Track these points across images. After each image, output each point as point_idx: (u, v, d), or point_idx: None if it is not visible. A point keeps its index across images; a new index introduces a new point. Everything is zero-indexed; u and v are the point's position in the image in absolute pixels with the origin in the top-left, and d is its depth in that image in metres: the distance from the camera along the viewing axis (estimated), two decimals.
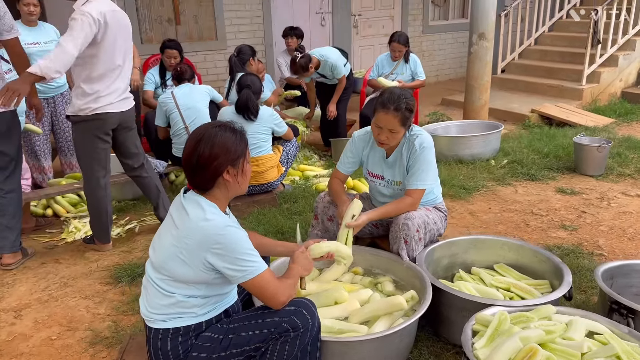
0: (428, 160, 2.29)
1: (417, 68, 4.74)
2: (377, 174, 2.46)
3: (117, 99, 2.75)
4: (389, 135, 2.22)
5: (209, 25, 5.93)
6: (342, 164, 2.52)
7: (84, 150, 2.78)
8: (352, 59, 7.09)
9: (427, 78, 7.75)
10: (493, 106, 5.78)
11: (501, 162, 4.16)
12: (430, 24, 7.63)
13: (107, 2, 2.65)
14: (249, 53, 4.34)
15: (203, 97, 3.74)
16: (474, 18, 4.96)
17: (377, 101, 2.23)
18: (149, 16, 5.56)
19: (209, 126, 1.62)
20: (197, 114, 3.66)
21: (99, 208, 2.90)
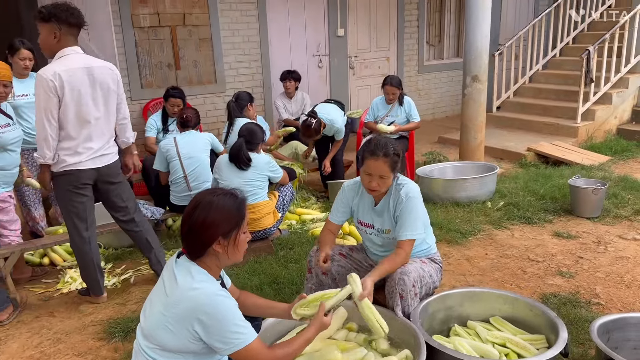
0: (415, 209, 2.32)
1: (411, 110, 4.82)
2: (367, 223, 2.49)
3: (89, 157, 2.70)
4: (379, 181, 2.27)
5: (208, 70, 6.07)
6: (333, 214, 2.54)
7: (63, 204, 2.77)
8: (349, 99, 7.22)
9: (424, 116, 7.91)
10: (489, 144, 5.84)
11: (497, 204, 4.18)
12: (426, 64, 7.79)
13: (76, 59, 2.58)
14: (247, 99, 4.45)
15: (205, 146, 3.79)
16: (467, 61, 5.08)
17: (364, 150, 2.29)
18: (149, 62, 5.70)
19: (208, 193, 1.65)
20: (197, 163, 3.70)
21: (85, 261, 2.89)
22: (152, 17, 5.58)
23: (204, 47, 5.98)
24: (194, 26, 5.85)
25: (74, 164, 2.69)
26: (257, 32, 6.27)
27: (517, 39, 6.94)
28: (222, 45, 6.08)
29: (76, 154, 2.68)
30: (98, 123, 2.71)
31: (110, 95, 2.74)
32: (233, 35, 6.13)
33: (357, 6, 6.98)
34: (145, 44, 5.64)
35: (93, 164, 2.73)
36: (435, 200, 4.29)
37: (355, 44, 7.10)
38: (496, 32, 8.08)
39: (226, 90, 6.19)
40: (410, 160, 4.96)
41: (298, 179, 4.63)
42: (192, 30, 5.86)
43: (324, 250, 2.39)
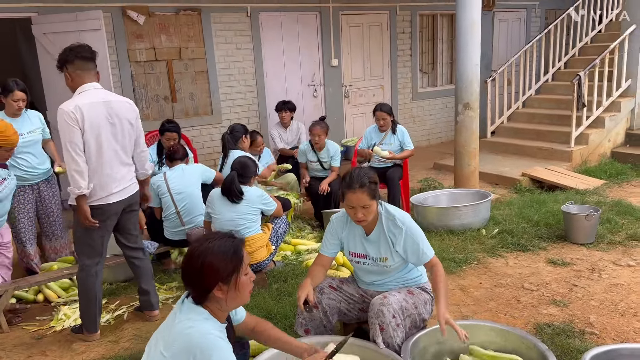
0: (418, 231, 2.39)
1: (405, 138, 4.89)
2: (359, 253, 2.50)
3: (116, 190, 2.78)
4: (363, 212, 2.32)
5: (204, 102, 6.18)
6: (324, 248, 2.56)
7: (81, 236, 2.81)
8: (345, 127, 7.32)
9: (419, 142, 8.01)
10: (484, 170, 5.89)
11: (492, 232, 4.20)
12: (420, 91, 7.93)
13: (94, 93, 2.67)
14: (242, 131, 4.53)
15: (196, 179, 3.83)
16: (458, 89, 5.18)
17: (343, 185, 2.35)
18: (145, 95, 5.82)
19: (203, 240, 1.64)
20: (189, 198, 3.75)
21: (88, 295, 2.91)
22: (149, 51, 5.72)
23: (200, 80, 6.11)
24: (190, 59, 5.99)
25: (103, 197, 2.76)
26: (252, 64, 6.40)
27: (510, 65, 7.08)
28: (218, 78, 6.20)
29: (103, 188, 2.75)
30: (118, 156, 2.77)
31: (129, 129, 2.81)
32: (229, 68, 6.26)
33: (350, 37, 7.14)
34: (141, 77, 5.76)
35: (120, 197, 2.81)
36: (429, 228, 4.30)
37: (349, 73, 7.24)
38: (488, 58, 8.25)
39: (222, 121, 6.29)
40: (405, 188, 5.00)
41: (293, 208, 4.66)
42: (188, 64, 5.99)
43: (304, 289, 2.35)
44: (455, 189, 4.99)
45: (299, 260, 3.98)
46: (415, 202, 4.52)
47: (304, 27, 6.72)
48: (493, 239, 4.08)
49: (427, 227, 4.32)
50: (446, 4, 7.80)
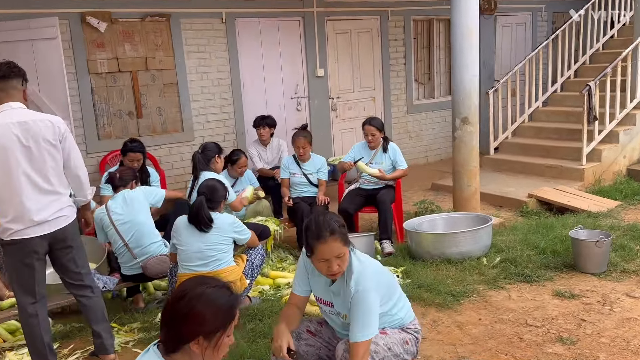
0: (366, 303, 2.26)
1: (397, 157, 4.96)
2: (326, 301, 2.48)
3: (35, 222, 2.72)
4: (339, 262, 2.26)
5: (173, 117, 6.24)
6: (296, 285, 2.55)
7: (9, 275, 2.82)
8: (332, 144, 7.41)
9: (415, 160, 8.10)
10: (487, 190, 5.97)
11: (493, 260, 4.24)
12: (415, 103, 8.06)
13: (8, 114, 2.67)
14: (215, 150, 4.55)
15: (140, 205, 3.81)
16: (455, 102, 5.29)
17: (308, 237, 2.27)
18: (107, 110, 5.86)
19: (199, 283, 1.60)
20: (135, 227, 3.74)
21: (32, 338, 2.88)
22: (111, 62, 5.79)
23: (169, 93, 6.17)
24: (157, 70, 6.06)
25: (19, 231, 2.72)
26: (228, 75, 6.49)
27: (514, 74, 7.23)
28: (189, 90, 6.27)
29: (18, 220, 2.71)
30: (34, 183, 2.73)
31: (50, 151, 2.76)
32: (201, 79, 6.34)
33: (338, 44, 7.28)
34: (102, 91, 5.81)
35: (42, 231, 2.77)
36: (424, 257, 4.34)
37: (336, 84, 7.35)
38: (490, 67, 8.42)
39: (194, 138, 6.34)
40: (398, 212, 5.05)
41: (273, 236, 4.67)
42: (156, 75, 6.07)
43: (282, 337, 2.31)
44: (454, 213, 5.05)
45: (278, 295, 3.98)
46: (409, 228, 4.56)
47: (286, 34, 6.84)
48: (494, 269, 4.12)
49: (422, 256, 4.36)
50: (442, 8, 7.98)
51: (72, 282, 3.00)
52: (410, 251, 4.53)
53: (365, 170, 4.84)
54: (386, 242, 4.69)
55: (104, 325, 3.09)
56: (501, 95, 7.18)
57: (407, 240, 4.62)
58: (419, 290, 3.82)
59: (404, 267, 4.23)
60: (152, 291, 4.24)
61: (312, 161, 5.06)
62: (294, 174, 5.06)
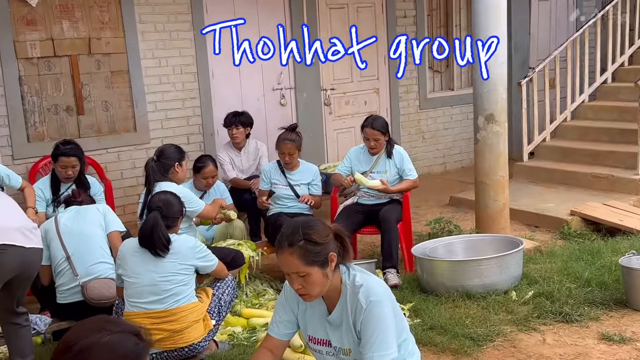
0: (383, 318, 2.33)
1: (404, 164, 4.99)
2: (321, 339, 2.49)
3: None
4: (302, 282, 2.29)
5: (124, 114, 6.25)
6: (273, 325, 2.56)
7: None
8: (325, 147, 7.44)
9: (431, 167, 8.14)
10: (518, 207, 6.01)
11: (525, 295, 4.26)
12: (430, 97, 8.10)
13: None
14: (175, 157, 4.55)
15: (94, 218, 3.92)
16: (478, 96, 5.33)
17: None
18: (39, 105, 5.87)
19: (96, 328, 1.50)
20: (84, 240, 3.83)
21: None
22: (45, 44, 5.80)
23: (119, 83, 6.18)
24: (103, 55, 6.08)
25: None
26: (193, 61, 6.52)
27: (553, 60, 7.29)
28: (144, 80, 6.29)
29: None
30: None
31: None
32: (159, 66, 6.36)
33: (332, 22, 7.33)
34: (34, 80, 5.82)
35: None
36: (438, 290, 4.35)
37: (330, 72, 7.38)
38: (524, 51, 8.49)
39: (150, 140, 6.35)
40: (406, 234, 5.07)
41: (248, 264, 4.67)
42: (102, 61, 6.09)
43: None
44: (477, 235, 5.07)
45: (252, 340, 3.97)
46: (419, 254, 4.57)
47: (266, 10, 6.89)
48: (526, 306, 4.13)
49: (435, 289, 4.37)
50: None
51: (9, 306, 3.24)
52: (420, 283, 4.54)
53: (364, 183, 4.86)
54: (390, 271, 4.69)
55: (30, 357, 3.28)
56: (537, 87, 7.24)
57: (417, 270, 4.62)
58: (430, 332, 3.82)
59: (413, 303, 4.23)
60: None
61: (301, 170, 5.07)
62: (277, 184, 5.07)
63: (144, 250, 3.50)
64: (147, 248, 3.49)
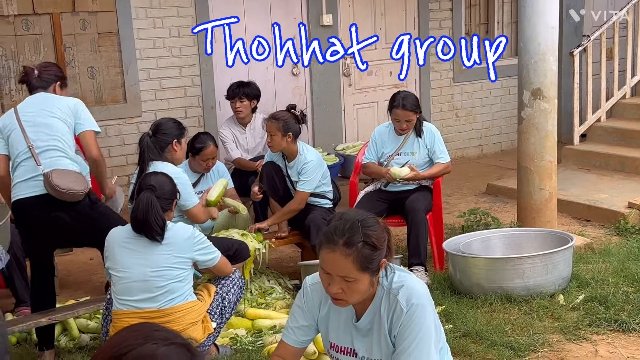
0: (425, 325, 2.33)
1: (435, 145, 4.96)
2: (344, 347, 2.49)
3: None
4: (344, 287, 2.26)
5: (112, 82, 6.26)
6: (288, 331, 2.56)
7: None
8: (343, 125, 7.42)
9: (465, 150, 8.10)
10: (567, 197, 5.99)
11: (574, 299, 4.23)
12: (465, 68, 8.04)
13: None
14: (173, 132, 4.51)
15: (63, 109, 3.91)
16: (522, 67, 5.27)
17: (321, 234, 2.32)
18: (16, 70, 5.87)
19: (145, 336, 1.52)
20: (47, 129, 3.84)
21: None
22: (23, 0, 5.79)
23: (107, 47, 6.18)
24: (90, 13, 6.09)
25: None
26: (192, 21, 6.51)
27: (611, 26, 7.20)
28: (135, 43, 6.28)
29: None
30: None
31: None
32: (154, 27, 6.36)
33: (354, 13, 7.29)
34: (9, 42, 5.83)
35: None
36: (473, 291, 4.33)
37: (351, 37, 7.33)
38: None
39: (142, 113, 6.37)
40: (437, 227, 5.06)
41: (253, 258, 4.68)
42: (88, 20, 6.09)
43: None
44: (518, 229, 5.03)
45: (258, 344, 3.98)
46: (452, 250, 4.55)
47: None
48: (576, 312, 4.11)
49: (470, 290, 4.36)
50: None
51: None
52: (452, 283, 4.53)
53: (398, 176, 4.80)
54: (418, 269, 4.68)
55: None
56: (592, 58, 7.16)
57: (449, 268, 4.61)
58: (464, 340, 3.81)
59: (444, 306, 4.22)
60: (76, 334, 4.25)
61: (299, 162, 4.95)
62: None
63: (137, 238, 3.49)
64: (142, 233, 3.48)
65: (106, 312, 3.77)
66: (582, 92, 7.17)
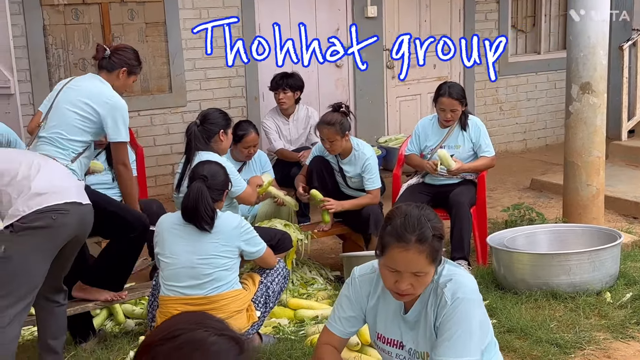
0: (468, 320, 2.32)
1: (481, 138, 4.93)
2: (392, 340, 2.50)
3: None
4: (414, 282, 2.27)
5: (159, 71, 6.33)
6: (334, 321, 2.56)
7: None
8: (386, 118, 7.41)
9: (509, 144, 8.03)
10: (614, 193, 5.93)
11: (622, 297, 4.19)
12: (511, 61, 7.96)
13: None
14: (220, 123, 4.54)
15: (92, 110, 3.87)
16: (572, 60, 5.20)
17: (386, 231, 2.30)
18: (65, 58, 5.99)
19: (198, 323, 1.54)
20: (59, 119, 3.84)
21: None
22: None
23: (154, 37, 6.25)
24: (137, 3, 6.16)
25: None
26: (238, 11, 6.53)
27: None
28: (181, 34, 6.34)
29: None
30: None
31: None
32: (200, 18, 6.39)
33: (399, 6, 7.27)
34: (59, 31, 5.91)
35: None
36: (518, 287, 4.31)
37: (395, 29, 7.32)
38: (628, 7, 8.17)
39: (187, 103, 6.43)
40: (481, 221, 5.03)
41: (295, 249, 4.70)
42: (135, 11, 6.16)
43: None
44: (564, 225, 4.99)
45: (300, 334, 3.99)
46: (496, 245, 4.52)
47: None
48: (623, 310, 4.06)
49: (514, 286, 4.33)
50: None
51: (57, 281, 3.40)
52: (496, 278, 4.50)
53: (449, 164, 4.75)
54: (461, 263, 4.64)
55: (63, 340, 3.46)
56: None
57: (493, 263, 4.59)
58: (508, 336, 3.78)
59: (487, 301, 4.18)
60: (121, 319, 4.31)
61: (354, 157, 4.90)
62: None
63: (186, 226, 3.53)
64: (192, 222, 3.52)
65: (152, 298, 3.83)
66: (631, 86, 7.07)
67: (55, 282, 3.38)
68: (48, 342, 3.39)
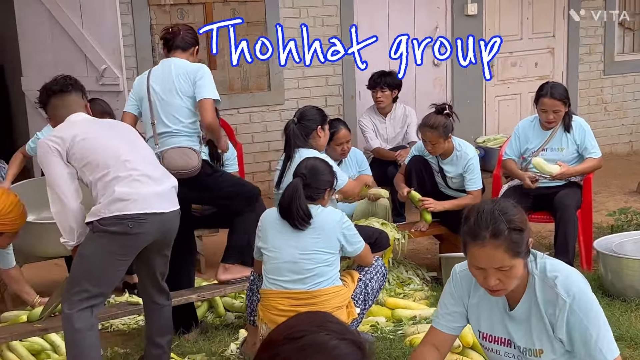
0: (592, 309, 2.32)
1: (587, 140, 4.79)
2: (498, 337, 2.47)
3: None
4: (501, 277, 2.26)
5: (258, 70, 6.43)
6: (439, 318, 2.56)
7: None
8: (484, 118, 7.31)
9: (613, 146, 7.78)
10: None
11: None
12: (618, 60, 7.74)
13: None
14: (317, 120, 4.57)
15: (185, 79, 4.05)
16: None
17: (463, 231, 2.31)
18: None
19: (320, 325, 1.54)
20: (171, 110, 4.03)
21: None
22: None
23: (255, 35, 6.32)
24: (239, 3, 6.28)
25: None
26: (336, 10, 6.58)
27: None
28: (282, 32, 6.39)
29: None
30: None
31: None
32: (299, 17, 6.47)
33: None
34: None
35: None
36: (627, 294, 4.20)
37: (495, 27, 7.21)
38: None
39: (285, 101, 6.50)
40: (586, 225, 4.89)
41: (392, 248, 4.68)
42: (238, 10, 6.28)
43: None
44: None
45: (399, 334, 3.97)
46: (603, 250, 4.40)
47: None
48: None
49: (623, 293, 4.22)
50: None
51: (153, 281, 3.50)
52: (603, 284, 4.39)
53: (544, 170, 4.67)
54: None
55: (168, 338, 3.56)
56: None
57: (599, 268, 4.48)
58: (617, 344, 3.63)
59: None
60: (221, 312, 4.41)
61: (456, 157, 4.83)
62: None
63: (284, 222, 3.57)
64: (286, 219, 3.56)
65: (249, 292, 3.88)
66: None
67: (154, 283, 3.50)
68: (154, 337, 3.51)
